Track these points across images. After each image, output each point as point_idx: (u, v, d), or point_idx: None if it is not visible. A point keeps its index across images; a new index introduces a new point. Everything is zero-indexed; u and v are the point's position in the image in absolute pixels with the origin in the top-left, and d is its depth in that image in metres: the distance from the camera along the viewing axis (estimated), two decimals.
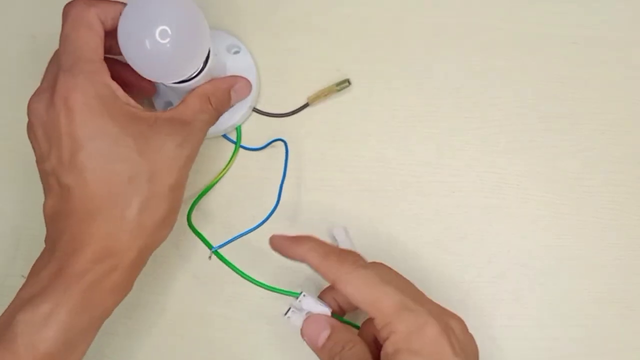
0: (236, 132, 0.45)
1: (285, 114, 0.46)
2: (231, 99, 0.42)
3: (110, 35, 0.36)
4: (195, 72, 0.39)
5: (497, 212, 0.44)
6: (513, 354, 0.42)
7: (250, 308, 0.44)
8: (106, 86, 0.35)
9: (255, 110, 0.46)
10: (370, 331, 0.36)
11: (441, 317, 0.33)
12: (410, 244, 0.44)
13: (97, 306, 0.35)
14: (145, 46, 0.35)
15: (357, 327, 0.39)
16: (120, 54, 0.36)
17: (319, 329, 0.35)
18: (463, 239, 0.44)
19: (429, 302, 0.34)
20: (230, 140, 0.45)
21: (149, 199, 0.35)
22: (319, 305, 0.37)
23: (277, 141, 0.44)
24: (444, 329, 0.32)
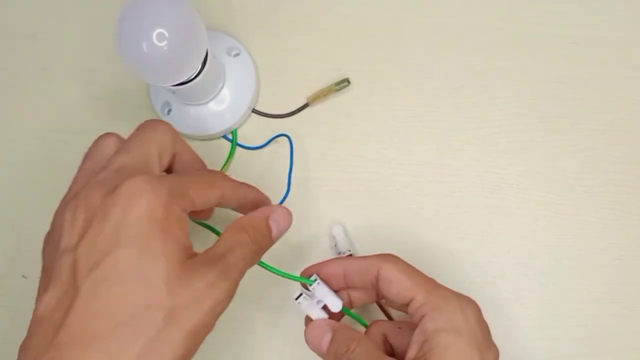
0: (232, 135, 0.45)
1: (284, 114, 0.46)
2: (271, 229, 0.35)
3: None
4: (193, 74, 0.39)
5: (497, 212, 0.44)
6: (513, 354, 0.42)
7: (250, 308, 0.44)
8: (177, 212, 0.31)
9: (255, 111, 0.46)
10: (379, 331, 0.37)
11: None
12: (410, 244, 0.44)
13: None
14: (142, 49, 0.35)
15: (365, 325, 0.38)
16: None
17: (320, 334, 0.35)
18: (463, 239, 0.44)
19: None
20: (229, 140, 0.45)
21: (157, 342, 0.28)
22: (331, 295, 0.36)
23: (281, 136, 0.45)
24: (480, 312, 0.33)
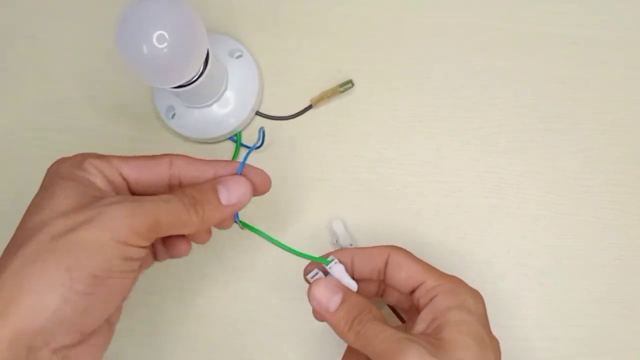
0: (236, 137, 0.45)
1: (288, 116, 0.46)
2: (217, 192, 0.33)
3: None
4: (195, 76, 0.39)
5: (497, 212, 0.44)
6: (513, 354, 0.42)
7: (250, 308, 0.44)
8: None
9: (259, 113, 0.46)
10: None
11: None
12: (410, 244, 0.43)
13: None
14: (143, 51, 0.34)
15: None
16: None
17: (330, 292, 0.33)
18: (463, 239, 0.44)
19: None
20: (233, 141, 0.45)
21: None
22: (347, 277, 0.35)
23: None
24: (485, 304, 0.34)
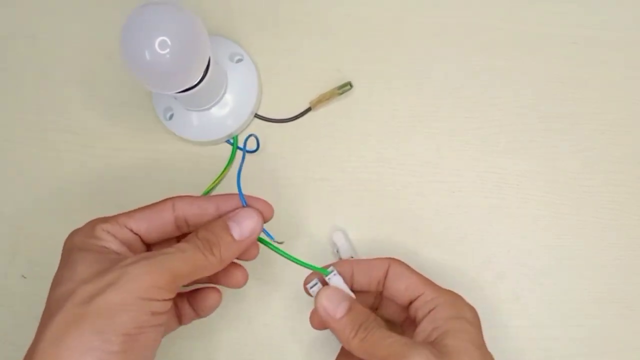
0: (233, 141, 0.45)
1: (287, 119, 0.46)
2: (230, 229, 0.35)
3: None
4: (196, 81, 0.39)
5: (497, 212, 0.44)
6: (513, 354, 0.42)
7: (250, 308, 0.44)
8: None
9: (257, 116, 0.46)
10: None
11: None
12: (410, 244, 0.44)
13: None
14: (145, 57, 0.34)
15: None
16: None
17: (337, 300, 0.34)
18: (463, 239, 0.44)
19: None
20: (230, 144, 0.45)
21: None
22: (345, 288, 0.36)
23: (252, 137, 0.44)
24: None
